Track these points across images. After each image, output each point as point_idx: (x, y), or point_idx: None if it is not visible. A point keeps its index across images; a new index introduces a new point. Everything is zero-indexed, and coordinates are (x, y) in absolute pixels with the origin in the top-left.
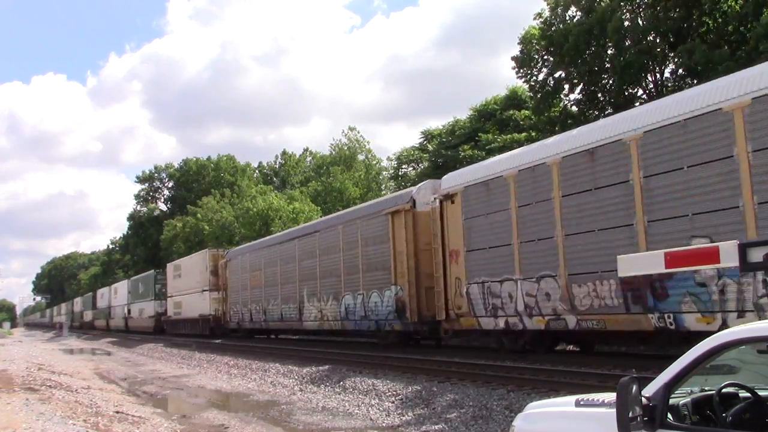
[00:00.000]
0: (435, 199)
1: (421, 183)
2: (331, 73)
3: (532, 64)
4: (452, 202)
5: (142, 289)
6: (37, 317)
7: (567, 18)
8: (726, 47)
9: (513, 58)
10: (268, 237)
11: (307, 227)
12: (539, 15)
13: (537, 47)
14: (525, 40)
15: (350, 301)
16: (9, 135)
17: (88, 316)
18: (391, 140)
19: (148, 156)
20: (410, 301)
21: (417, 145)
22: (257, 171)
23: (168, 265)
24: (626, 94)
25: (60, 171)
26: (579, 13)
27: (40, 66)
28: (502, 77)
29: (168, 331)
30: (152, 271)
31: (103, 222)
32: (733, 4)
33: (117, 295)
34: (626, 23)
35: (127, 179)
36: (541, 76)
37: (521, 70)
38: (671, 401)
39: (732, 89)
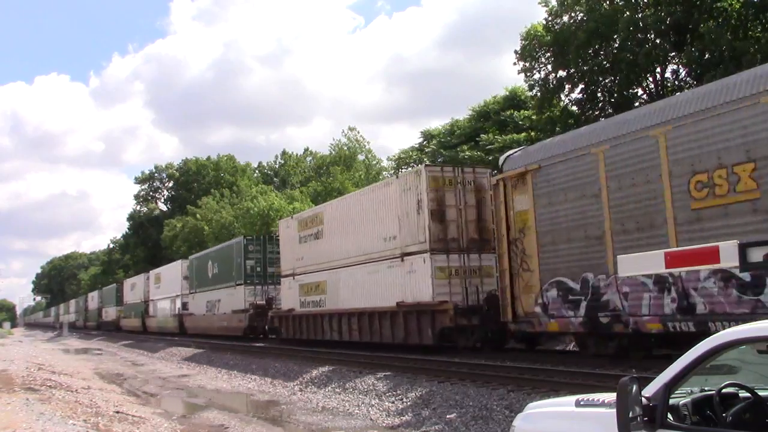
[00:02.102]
0: None
1: None
2: (334, 73)
3: (535, 61)
4: None
5: (215, 270)
6: (40, 317)
7: (573, 14)
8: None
9: (515, 52)
10: None
11: None
12: (545, 2)
13: (539, 44)
14: (528, 37)
15: None
16: (12, 135)
17: (110, 314)
18: (394, 140)
19: (151, 156)
20: None
21: (416, 146)
22: (257, 171)
23: (282, 221)
24: (626, 94)
25: (62, 171)
26: (581, 14)
27: (43, 66)
28: (505, 78)
29: (288, 334)
30: (240, 238)
31: (105, 222)
32: (733, 2)
33: (160, 283)
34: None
35: (129, 179)
36: (542, 74)
37: (523, 66)
38: (671, 401)
39: None
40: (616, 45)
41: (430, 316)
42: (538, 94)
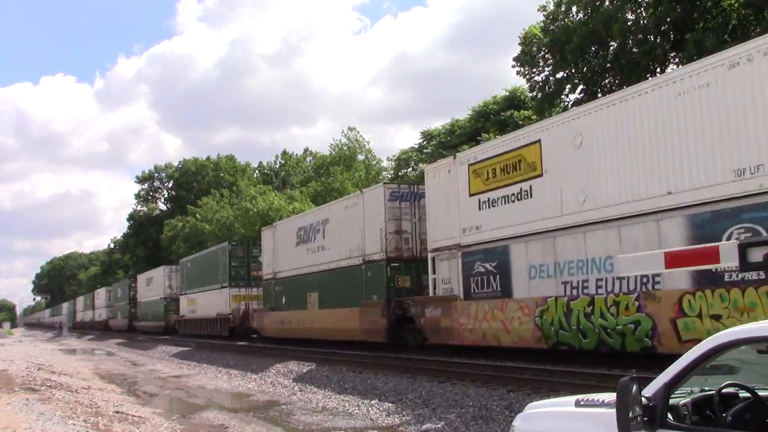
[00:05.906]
0: None
1: None
2: (339, 74)
3: (534, 62)
4: None
5: None
6: (45, 316)
7: (571, 15)
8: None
9: (514, 59)
10: None
11: None
12: (543, 8)
13: (539, 46)
14: (526, 40)
15: None
16: (17, 135)
17: (209, 305)
18: (398, 141)
19: (154, 157)
20: None
21: (416, 146)
22: (257, 171)
23: None
24: None
25: (66, 171)
26: (581, 13)
27: (49, 67)
28: (510, 78)
29: None
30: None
31: (107, 222)
32: (733, 2)
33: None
34: (630, 23)
35: (132, 180)
36: (542, 76)
37: (523, 68)
38: (671, 401)
39: None
40: (615, 46)
41: None
42: (539, 95)
